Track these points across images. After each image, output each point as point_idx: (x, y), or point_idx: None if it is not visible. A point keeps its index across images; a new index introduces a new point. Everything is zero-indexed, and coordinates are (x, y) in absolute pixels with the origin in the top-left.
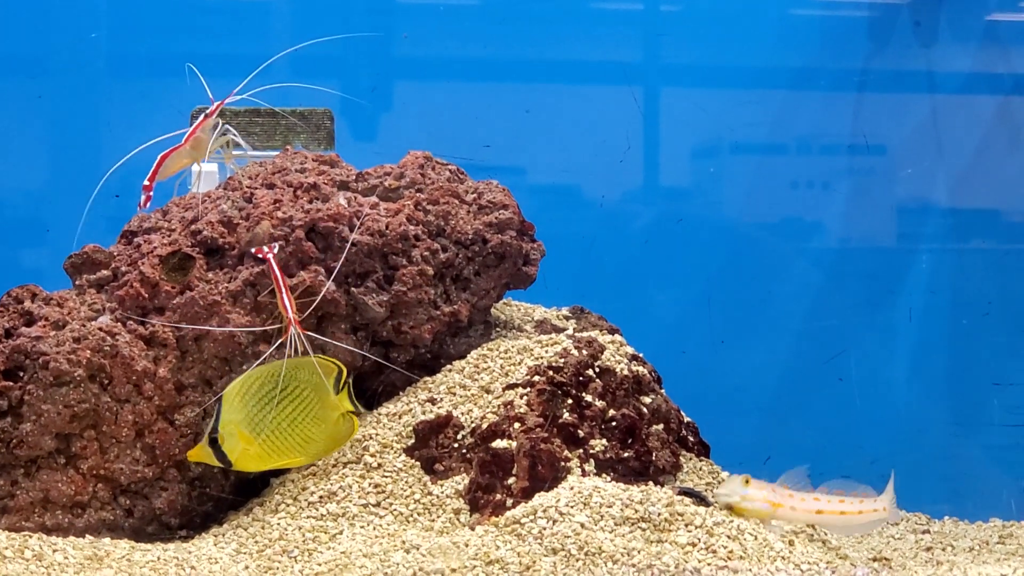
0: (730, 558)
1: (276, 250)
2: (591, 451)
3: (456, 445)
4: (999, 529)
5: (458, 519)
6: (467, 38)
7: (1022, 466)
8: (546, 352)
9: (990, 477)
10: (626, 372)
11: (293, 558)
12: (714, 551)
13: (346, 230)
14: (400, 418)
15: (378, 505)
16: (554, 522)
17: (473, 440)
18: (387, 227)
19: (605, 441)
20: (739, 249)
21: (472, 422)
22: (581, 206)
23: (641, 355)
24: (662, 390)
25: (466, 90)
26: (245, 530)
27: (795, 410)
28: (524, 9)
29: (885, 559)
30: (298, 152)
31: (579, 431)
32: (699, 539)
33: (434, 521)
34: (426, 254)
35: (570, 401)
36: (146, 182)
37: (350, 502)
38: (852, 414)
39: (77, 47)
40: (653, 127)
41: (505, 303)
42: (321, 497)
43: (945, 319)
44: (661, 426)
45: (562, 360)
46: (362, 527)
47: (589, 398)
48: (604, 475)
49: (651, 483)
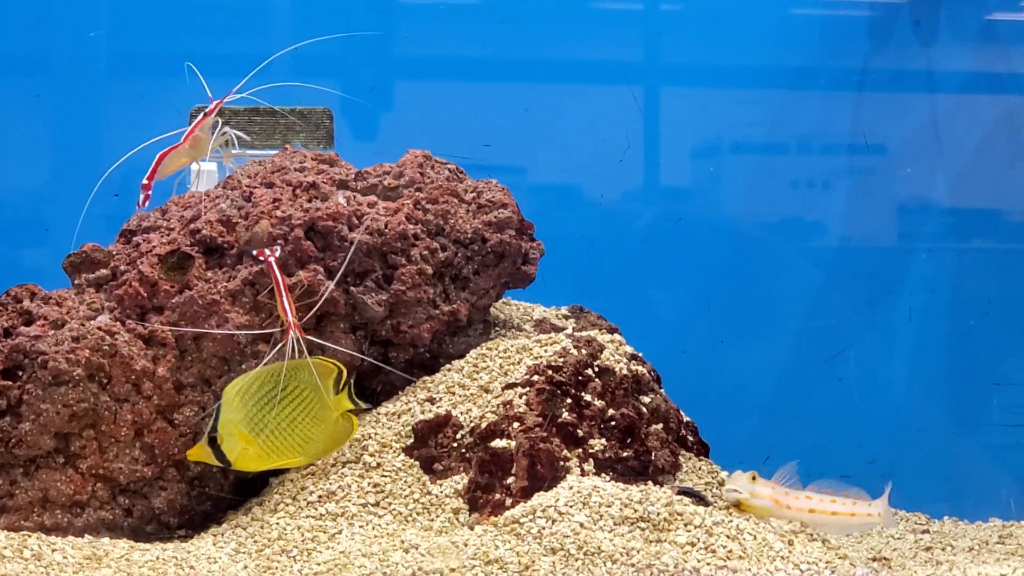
0: (729, 558)
1: (278, 253)
2: (590, 451)
3: (455, 445)
4: (999, 529)
5: (457, 519)
6: (467, 37)
7: (1022, 466)
8: (545, 351)
9: (990, 477)
10: (625, 371)
11: (292, 558)
12: (713, 551)
13: (345, 229)
14: (399, 417)
15: (377, 505)
16: (553, 522)
17: (472, 440)
18: (386, 226)
19: (604, 441)
20: (739, 249)
21: (471, 421)
22: (581, 205)
23: (640, 354)
24: (661, 389)
25: (466, 89)
26: (244, 530)
27: (795, 410)
28: (524, 8)
29: (885, 559)
30: (297, 151)
31: (578, 431)
32: (698, 539)
33: (433, 521)
34: (425, 253)
35: (569, 400)
36: (145, 181)
37: (349, 502)
38: (852, 414)
39: (76, 46)
40: (653, 126)
41: (504, 302)
42: (320, 497)
43: (945, 319)
44: (660, 426)
45: (561, 359)
46: (361, 527)
47: (588, 397)
48: (603, 475)
49: (650, 483)
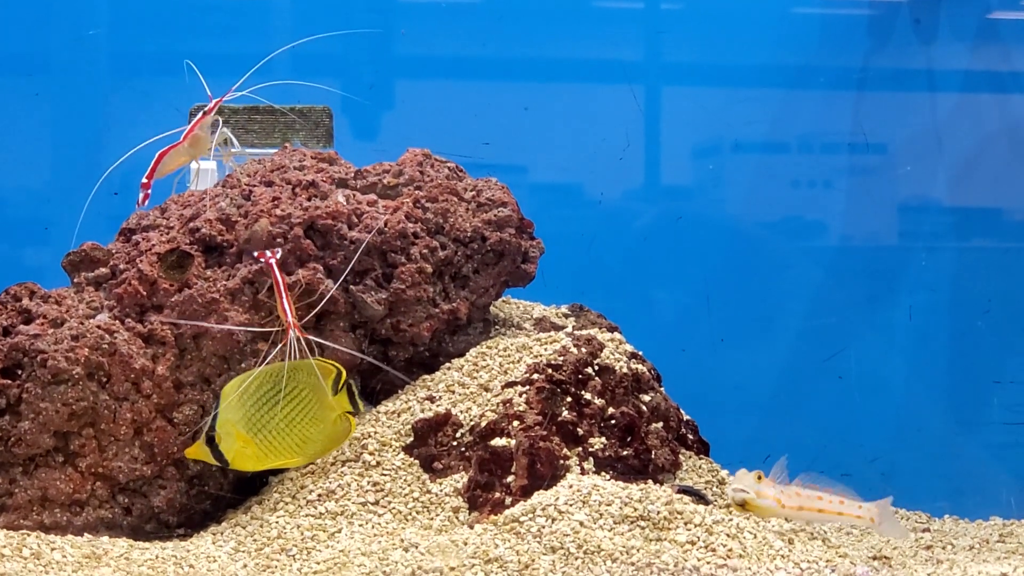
0: (729, 556)
1: (279, 254)
2: (590, 449)
3: (455, 443)
4: (999, 527)
5: (457, 517)
6: (467, 36)
7: (1022, 464)
8: (545, 350)
9: (990, 475)
10: (625, 370)
11: (292, 556)
12: (713, 549)
13: (345, 228)
14: (399, 416)
15: (377, 503)
16: (553, 520)
17: (472, 438)
18: (386, 225)
19: (604, 439)
20: (739, 248)
21: (471, 420)
22: (580, 204)
23: (640, 353)
24: (661, 388)
25: (466, 88)
26: (244, 528)
27: (795, 408)
28: (524, 7)
29: (885, 557)
30: (297, 149)
31: (578, 429)
32: (698, 537)
33: (433, 519)
34: (425, 252)
35: (569, 399)
36: (144, 180)
37: (349, 500)
38: (852, 413)
39: (76, 45)
40: (653, 125)
41: (504, 301)
42: (320, 495)
43: (945, 317)
44: (660, 424)
45: (561, 358)
46: (361, 525)
47: (588, 396)
48: (603, 473)
49: (650, 481)
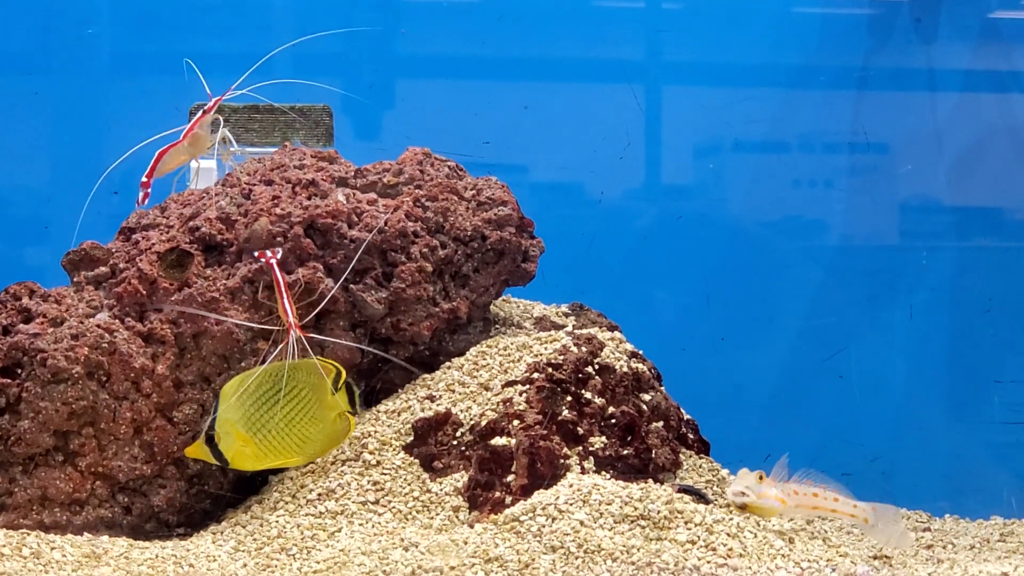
0: (730, 556)
1: (279, 255)
2: (590, 448)
3: (455, 442)
4: (1000, 527)
5: (457, 517)
6: (467, 35)
7: (1023, 464)
8: (545, 349)
9: (991, 475)
10: (626, 369)
11: (291, 556)
12: (714, 549)
13: (344, 227)
14: (399, 415)
15: (377, 503)
16: (553, 520)
17: (472, 437)
18: (386, 224)
19: (604, 438)
20: (740, 247)
21: (471, 419)
22: (581, 203)
23: (641, 352)
24: (662, 387)
25: (466, 87)
26: (243, 528)
27: (795, 407)
28: (525, 6)
29: (886, 557)
30: (297, 148)
31: (578, 428)
32: (699, 537)
33: (433, 519)
34: (425, 251)
35: (569, 398)
36: (144, 179)
37: (349, 500)
38: (852, 412)
39: (76, 44)
40: (654, 124)
41: (504, 300)
42: (320, 495)
43: (946, 317)
44: (661, 423)
45: (561, 357)
46: (361, 525)
47: (588, 395)
48: (603, 473)
49: (651, 481)
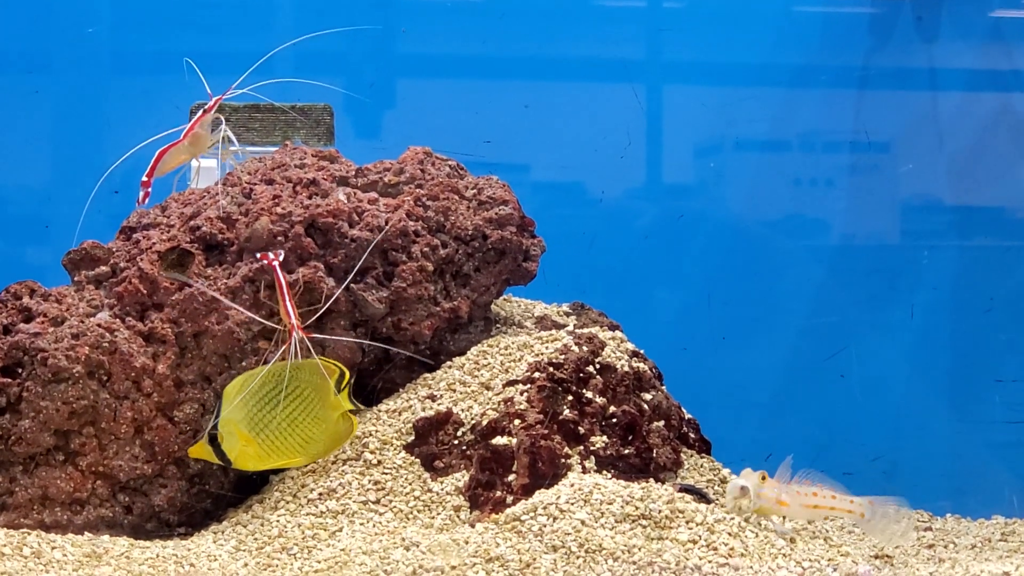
0: (731, 555)
1: (281, 257)
2: (592, 448)
3: (456, 442)
4: (1001, 526)
5: (458, 516)
6: (468, 34)
7: None
8: (546, 348)
9: (992, 474)
10: (627, 368)
11: (292, 555)
12: (715, 548)
13: (345, 226)
14: (400, 415)
15: (378, 502)
16: (554, 519)
17: (473, 437)
18: (386, 223)
19: (606, 438)
20: (740, 246)
21: (472, 419)
22: (582, 202)
23: (642, 351)
24: (663, 387)
25: (467, 86)
26: (244, 527)
27: (796, 407)
28: (525, 5)
29: (887, 556)
30: (297, 148)
31: (579, 428)
32: (700, 536)
33: (434, 518)
34: (426, 250)
35: (570, 398)
36: (144, 178)
37: (350, 499)
38: (854, 411)
39: (77, 43)
40: (655, 123)
41: (505, 299)
42: (321, 494)
43: (947, 316)
44: (662, 423)
45: (562, 356)
46: (362, 524)
47: (590, 395)
48: (605, 472)
49: (652, 480)
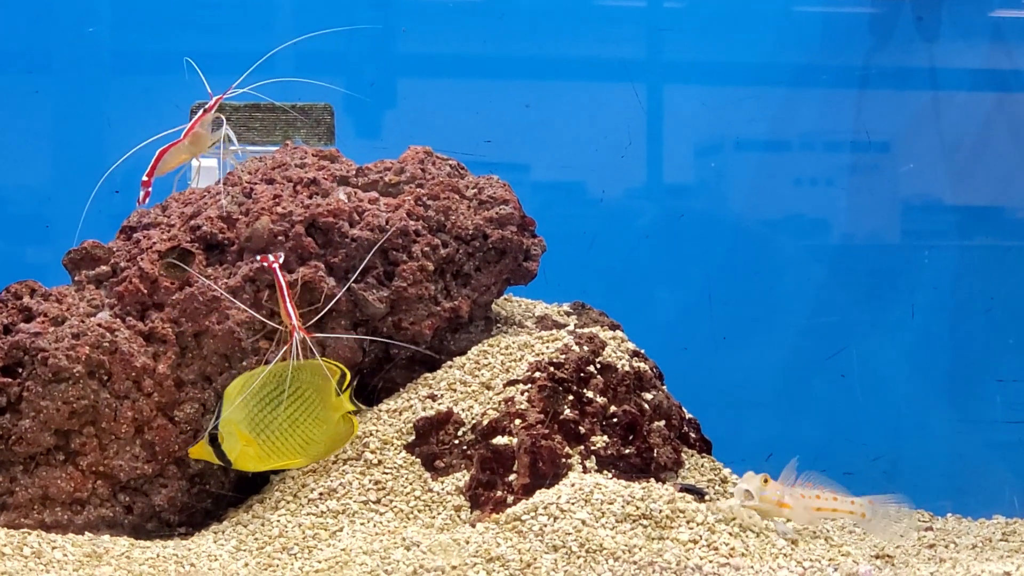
0: (732, 555)
1: (282, 259)
2: (592, 448)
3: (457, 442)
4: (1002, 526)
5: (459, 516)
6: (469, 34)
7: None
8: (547, 348)
9: (993, 474)
10: (627, 368)
11: (293, 555)
12: (716, 548)
13: (346, 225)
14: (400, 414)
15: (378, 502)
16: (555, 519)
17: (474, 436)
18: (387, 222)
19: (606, 438)
20: (741, 245)
21: (473, 418)
22: (582, 202)
23: (643, 351)
24: (663, 386)
25: (468, 86)
26: (245, 527)
27: (797, 407)
28: (526, 5)
29: (888, 556)
30: (298, 147)
31: (580, 427)
32: (701, 536)
33: (434, 518)
34: (426, 250)
35: (571, 397)
36: (145, 178)
37: (350, 499)
38: (854, 411)
39: (76, 42)
40: (655, 123)
41: (506, 299)
42: (321, 494)
43: (948, 315)
44: (663, 423)
45: (563, 356)
46: (362, 524)
47: (590, 394)
48: (605, 472)
49: (652, 480)
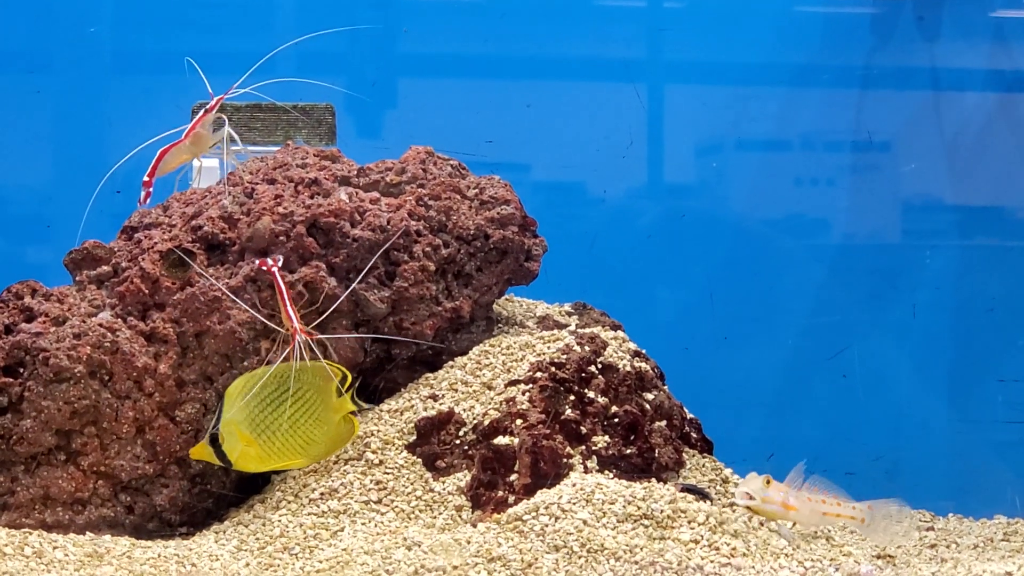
0: (733, 555)
1: (280, 263)
2: (593, 448)
3: (458, 442)
4: (1003, 526)
5: (460, 516)
6: (470, 34)
7: None
8: (548, 348)
9: (994, 474)
10: (629, 368)
11: (294, 555)
12: (717, 548)
13: (347, 225)
14: (402, 414)
15: (379, 502)
16: (556, 519)
17: (475, 436)
18: (388, 223)
19: (608, 438)
20: (742, 245)
21: (474, 418)
22: (584, 202)
23: (644, 351)
24: (665, 386)
25: (469, 86)
26: (246, 527)
27: (799, 407)
28: (527, 5)
29: (889, 556)
30: (299, 147)
31: (581, 427)
32: (702, 536)
33: (436, 518)
34: (428, 250)
35: (572, 397)
36: (146, 178)
37: (351, 499)
38: (856, 411)
39: (77, 42)
40: (656, 123)
41: (507, 299)
42: (322, 494)
43: (949, 315)
44: (664, 423)
45: (564, 356)
46: (363, 524)
47: (591, 394)
48: (606, 472)
49: (654, 480)
